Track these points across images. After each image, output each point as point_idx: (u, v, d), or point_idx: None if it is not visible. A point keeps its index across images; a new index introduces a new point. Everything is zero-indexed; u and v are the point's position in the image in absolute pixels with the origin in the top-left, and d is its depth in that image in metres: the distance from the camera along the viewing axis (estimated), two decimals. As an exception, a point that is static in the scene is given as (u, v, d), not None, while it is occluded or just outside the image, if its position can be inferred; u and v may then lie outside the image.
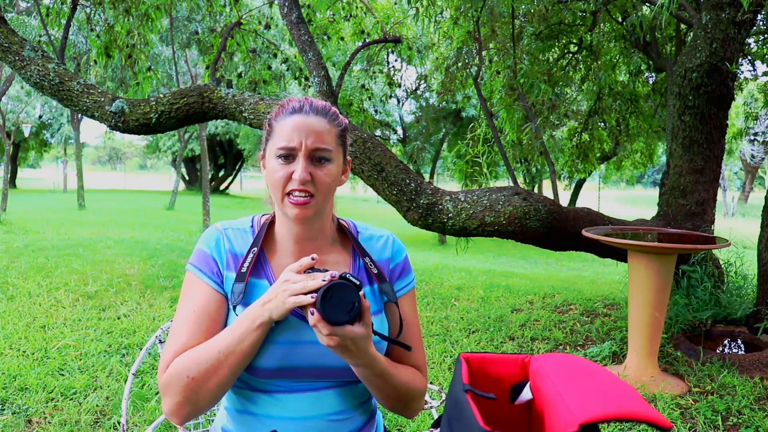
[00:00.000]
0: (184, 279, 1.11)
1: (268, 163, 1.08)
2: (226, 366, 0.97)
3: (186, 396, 0.98)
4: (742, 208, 24.41)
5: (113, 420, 2.58)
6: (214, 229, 1.12)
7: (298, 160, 1.04)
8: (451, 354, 3.58)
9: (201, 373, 0.97)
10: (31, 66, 3.91)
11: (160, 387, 1.01)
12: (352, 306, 0.91)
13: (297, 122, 1.05)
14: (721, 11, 3.54)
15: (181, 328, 1.04)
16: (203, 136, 12.27)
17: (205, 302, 1.05)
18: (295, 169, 1.03)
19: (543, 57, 5.65)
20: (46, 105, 24.19)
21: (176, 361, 1.00)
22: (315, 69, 3.69)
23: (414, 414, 1.15)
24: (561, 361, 0.89)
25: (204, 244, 1.10)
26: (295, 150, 1.04)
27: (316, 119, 1.06)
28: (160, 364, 1.03)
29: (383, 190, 3.71)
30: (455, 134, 14.69)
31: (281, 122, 1.07)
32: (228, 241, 1.10)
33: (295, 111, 1.07)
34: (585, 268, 9.21)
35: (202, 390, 0.98)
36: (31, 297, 4.33)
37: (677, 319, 3.76)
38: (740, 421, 2.67)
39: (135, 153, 58.62)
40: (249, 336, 0.97)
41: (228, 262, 1.08)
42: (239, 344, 0.97)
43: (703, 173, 3.88)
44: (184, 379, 0.98)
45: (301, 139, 1.04)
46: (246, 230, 1.14)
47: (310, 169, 1.04)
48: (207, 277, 1.07)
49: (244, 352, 0.98)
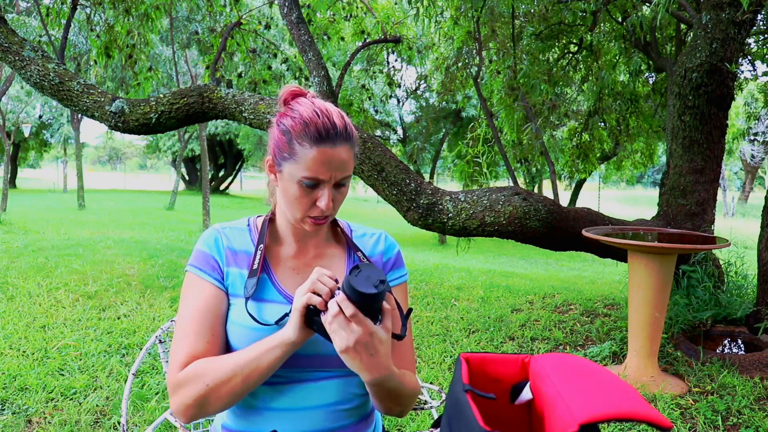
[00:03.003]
0: (184, 280, 1.12)
1: (288, 184, 1.05)
2: (242, 379, 0.99)
3: (197, 400, 1.00)
4: (742, 208, 24.41)
5: (113, 420, 2.58)
6: (211, 229, 1.15)
7: (323, 190, 1.04)
8: (451, 354, 3.58)
9: (217, 382, 0.99)
10: (31, 66, 3.91)
11: (171, 385, 1.03)
12: (380, 282, 0.89)
13: (326, 155, 1.01)
14: (721, 11, 3.54)
15: (187, 327, 1.06)
16: (203, 136, 12.27)
17: (208, 300, 1.08)
18: (319, 197, 1.04)
19: (543, 57, 5.65)
20: (46, 105, 24.21)
21: (195, 364, 1.02)
22: (315, 69, 3.69)
23: (406, 414, 1.17)
24: (561, 361, 0.89)
25: (203, 245, 1.12)
26: (322, 181, 1.04)
27: (343, 149, 1.03)
28: (171, 363, 1.04)
29: (383, 190, 3.71)
30: (455, 134, 14.69)
31: (307, 149, 1.01)
32: (226, 239, 1.13)
33: (322, 139, 1.01)
34: (585, 268, 9.21)
35: (214, 397, 1.00)
36: (31, 297, 4.33)
37: (677, 319, 3.76)
38: (740, 421, 2.67)
39: (135, 153, 58.65)
40: (269, 353, 0.99)
41: (227, 258, 1.11)
42: (258, 360, 0.99)
43: (703, 173, 3.88)
44: (200, 384, 0.99)
45: (330, 172, 1.03)
46: (243, 229, 1.17)
47: (333, 196, 1.05)
48: (208, 275, 1.09)
49: (262, 370, 0.99)
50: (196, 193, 25.51)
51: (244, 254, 1.13)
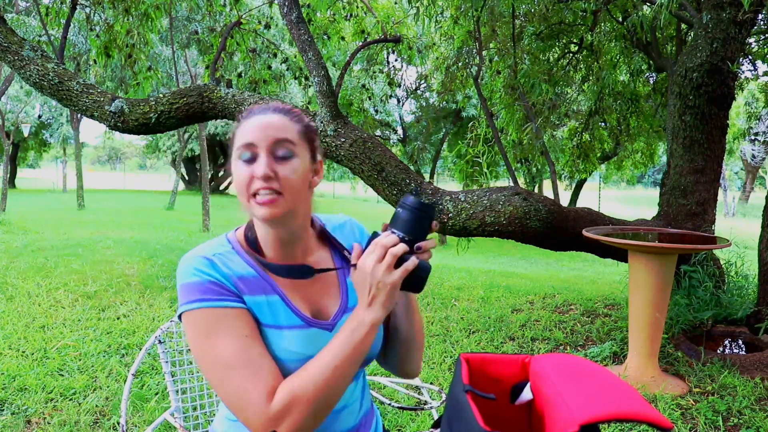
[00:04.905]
0: (197, 321, 0.97)
1: (233, 169, 1.02)
2: (342, 376, 0.95)
3: (309, 420, 0.93)
4: (742, 208, 24.42)
5: (113, 420, 2.58)
6: (199, 257, 1.01)
7: (260, 158, 0.99)
8: (451, 354, 3.58)
9: (317, 391, 0.93)
10: (30, 66, 3.91)
11: (271, 418, 0.92)
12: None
13: (256, 120, 1.02)
14: (721, 11, 3.54)
15: (249, 358, 0.95)
16: (203, 136, 12.27)
17: (252, 325, 0.99)
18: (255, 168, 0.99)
19: (543, 57, 5.65)
20: (45, 105, 24.21)
21: (283, 389, 0.93)
22: (315, 69, 3.68)
23: (417, 370, 1.22)
24: (561, 361, 0.88)
25: (201, 274, 0.99)
26: (255, 147, 0.99)
27: (277, 117, 1.03)
28: (250, 404, 0.93)
29: (383, 190, 3.70)
30: (455, 134, 14.69)
31: (241, 126, 1.03)
32: (225, 267, 1.02)
33: (253, 112, 1.04)
34: (585, 268, 9.21)
35: (321, 406, 0.94)
36: (31, 297, 4.32)
37: (678, 320, 3.75)
38: (741, 421, 2.67)
39: (134, 153, 58.69)
40: (365, 341, 0.96)
41: (239, 287, 1.01)
42: (353, 352, 0.96)
43: (703, 173, 3.88)
44: (303, 403, 0.92)
45: (261, 134, 0.99)
46: (231, 251, 1.05)
47: (272, 166, 0.98)
48: (231, 301, 0.99)
49: (358, 358, 0.96)
50: (195, 193, 25.51)
51: (250, 278, 1.03)
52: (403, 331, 1.14)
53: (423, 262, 0.96)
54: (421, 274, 0.95)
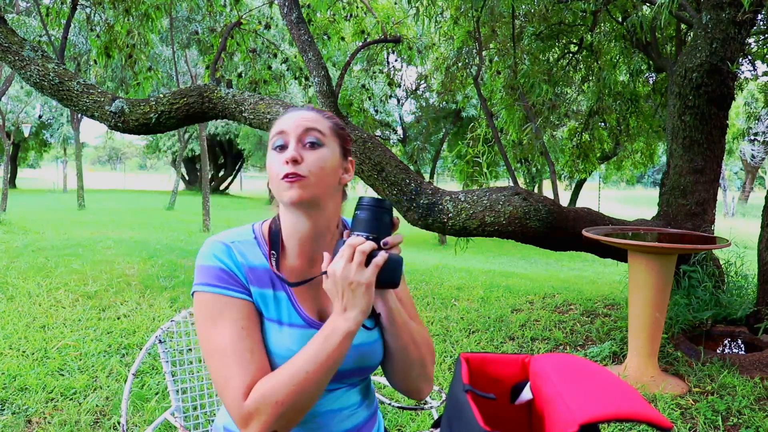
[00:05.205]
0: (203, 303, 1.02)
1: (268, 159, 1.08)
2: (314, 382, 0.95)
3: (276, 422, 0.94)
4: (742, 208, 24.41)
5: (113, 420, 2.58)
6: (220, 244, 1.05)
7: (290, 144, 1.04)
8: (451, 354, 3.58)
9: (288, 394, 0.93)
10: (30, 66, 3.91)
11: (241, 418, 0.94)
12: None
13: (290, 113, 1.08)
14: (721, 11, 3.54)
15: (237, 350, 0.97)
16: (203, 136, 12.27)
17: (252, 317, 1.01)
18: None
19: (543, 57, 5.65)
20: (45, 105, 24.21)
21: (258, 387, 0.95)
22: (315, 69, 3.68)
23: (427, 389, 1.15)
24: (561, 361, 0.89)
25: (217, 260, 1.03)
26: (286, 134, 1.05)
27: (311, 112, 1.09)
28: (229, 394, 0.95)
29: (383, 190, 3.70)
30: (455, 134, 14.69)
31: (277, 120, 1.09)
32: (241, 255, 1.04)
33: (290, 110, 1.10)
34: (585, 268, 9.21)
35: (291, 411, 0.94)
36: (31, 297, 4.32)
37: (677, 319, 3.75)
38: (740, 421, 2.67)
39: (135, 153, 58.71)
40: (339, 349, 0.95)
41: (248, 277, 1.03)
42: (321, 352, 0.95)
43: (703, 173, 3.88)
44: (272, 404, 0.93)
45: (293, 122, 1.05)
46: (251, 241, 1.08)
47: (300, 151, 1.03)
48: (239, 293, 1.01)
49: (331, 366, 0.95)
50: (195, 193, 25.51)
51: (262, 270, 1.05)
52: (391, 344, 1.10)
53: (393, 255, 0.96)
54: (393, 266, 0.96)
